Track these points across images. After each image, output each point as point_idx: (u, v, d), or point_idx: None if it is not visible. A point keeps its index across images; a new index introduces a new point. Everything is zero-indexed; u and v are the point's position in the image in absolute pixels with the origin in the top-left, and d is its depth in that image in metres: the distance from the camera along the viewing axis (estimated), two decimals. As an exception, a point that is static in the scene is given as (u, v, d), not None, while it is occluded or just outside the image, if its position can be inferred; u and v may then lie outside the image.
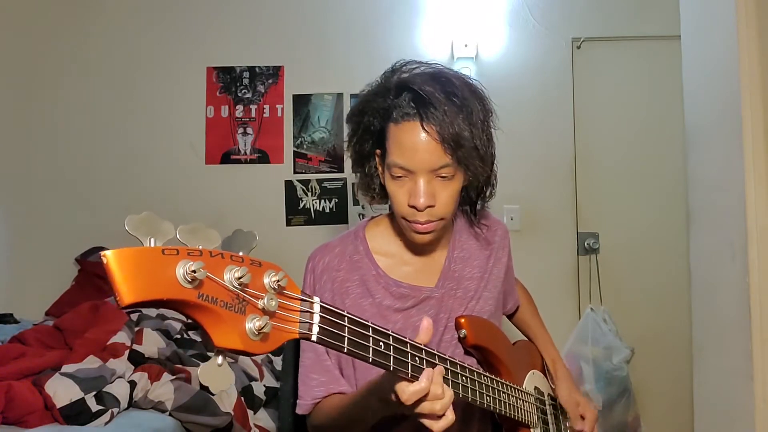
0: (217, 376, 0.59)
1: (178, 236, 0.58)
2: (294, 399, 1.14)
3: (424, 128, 0.98)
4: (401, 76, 1.05)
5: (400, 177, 1.02)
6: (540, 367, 1.33)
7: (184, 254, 0.55)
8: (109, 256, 0.50)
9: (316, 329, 0.67)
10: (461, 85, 1.03)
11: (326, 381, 1.09)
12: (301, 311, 0.66)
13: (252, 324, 0.59)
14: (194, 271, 0.54)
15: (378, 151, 1.09)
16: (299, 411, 1.11)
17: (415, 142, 0.99)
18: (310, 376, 1.10)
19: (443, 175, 1.01)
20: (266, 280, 0.62)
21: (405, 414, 0.84)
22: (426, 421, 0.82)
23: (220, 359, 0.59)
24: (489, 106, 1.06)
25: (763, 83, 1.23)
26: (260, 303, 0.60)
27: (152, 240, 0.55)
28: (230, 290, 0.58)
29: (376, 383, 0.90)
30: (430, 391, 0.79)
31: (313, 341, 0.68)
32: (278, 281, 0.62)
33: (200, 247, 0.57)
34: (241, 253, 0.61)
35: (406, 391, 0.78)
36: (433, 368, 0.81)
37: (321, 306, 0.68)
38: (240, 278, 0.58)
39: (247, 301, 0.59)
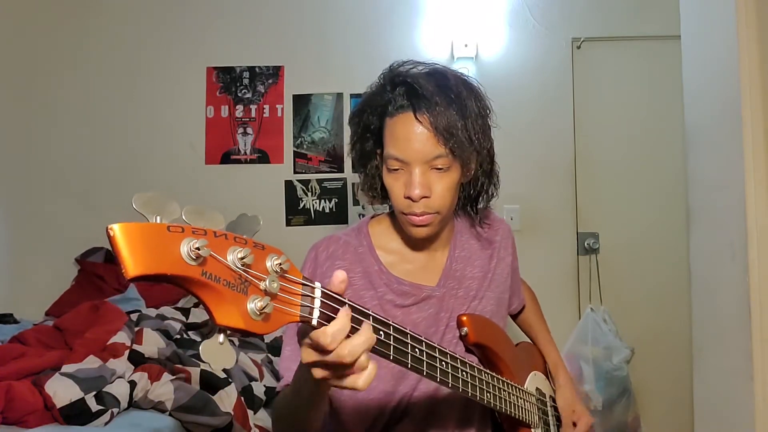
0: (218, 354, 0.60)
1: (183, 216, 0.58)
2: None
3: (417, 118, 0.99)
4: (397, 74, 1.06)
5: (396, 170, 1.03)
6: (542, 369, 1.33)
7: (189, 232, 0.56)
8: (115, 230, 0.51)
9: (317, 313, 0.68)
10: (456, 81, 1.04)
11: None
12: (302, 295, 0.67)
13: (254, 304, 0.60)
14: (198, 249, 0.55)
15: (379, 151, 1.09)
16: (278, 388, 1.07)
17: (408, 133, 1.00)
18: (293, 358, 1.04)
19: (438, 166, 1.01)
20: (269, 263, 0.63)
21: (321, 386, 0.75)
22: (349, 380, 0.71)
23: (221, 337, 0.60)
24: (485, 103, 1.07)
25: (763, 83, 1.23)
26: (262, 284, 0.61)
27: (158, 218, 0.56)
28: (233, 270, 0.59)
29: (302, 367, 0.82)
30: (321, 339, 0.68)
31: (313, 325, 0.68)
32: (280, 264, 0.63)
33: (205, 227, 0.58)
34: (244, 236, 0.62)
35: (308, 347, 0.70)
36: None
37: (322, 291, 0.69)
38: (243, 259, 0.59)
39: (249, 281, 0.60)
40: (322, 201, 2.94)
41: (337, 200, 2.94)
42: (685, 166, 1.55)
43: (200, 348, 0.60)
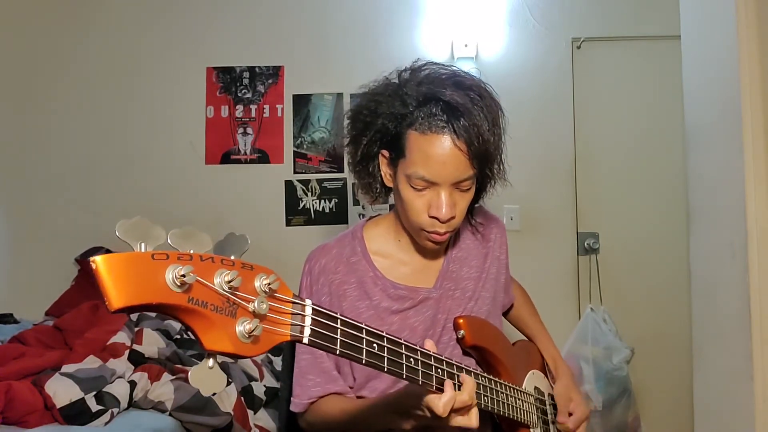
0: (207, 379, 0.59)
1: (169, 241, 0.58)
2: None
3: (455, 143, 0.97)
4: (418, 76, 1.03)
5: (421, 189, 1.01)
6: (540, 367, 1.33)
7: (173, 259, 0.55)
8: (98, 262, 0.51)
9: (307, 331, 0.67)
10: (483, 92, 1.02)
11: (322, 381, 1.10)
12: (292, 314, 0.66)
13: (242, 327, 0.59)
14: (183, 276, 0.54)
15: (385, 152, 1.08)
16: (294, 408, 1.12)
17: (443, 156, 0.98)
18: (307, 377, 1.10)
19: (464, 187, 1.02)
20: (257, 284, 0.62)
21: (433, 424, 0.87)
22: (459, 419, 0.86)
23: (211, 362, 0.60)
24: (502, 111, 1.06)
25: (763, 83, 1.23)
26: (251, 306, 0.60)
27: (143, 245, 0.55)
28: (220, 294, 0.58)
29: (395, 399, 0.92)
30: (456, 398, 0.83)
31: (304, 343, 0.68)
32: (269, 284, 0.62)
33: (191, 252, 0.57)
34: (232, 257, 0.61)
35: (439, 404, 0.82)
36: (453, 378, 0.85)
37: (313, 308, 0.68)
38: (230, 282, 0.58)
39: (237, 304, 0.59)
40: (322, 201, 2.93)
41: (337, 200, 2.94)
42: (685, 166, 1.55)
43: (189, 374, 0.59)
